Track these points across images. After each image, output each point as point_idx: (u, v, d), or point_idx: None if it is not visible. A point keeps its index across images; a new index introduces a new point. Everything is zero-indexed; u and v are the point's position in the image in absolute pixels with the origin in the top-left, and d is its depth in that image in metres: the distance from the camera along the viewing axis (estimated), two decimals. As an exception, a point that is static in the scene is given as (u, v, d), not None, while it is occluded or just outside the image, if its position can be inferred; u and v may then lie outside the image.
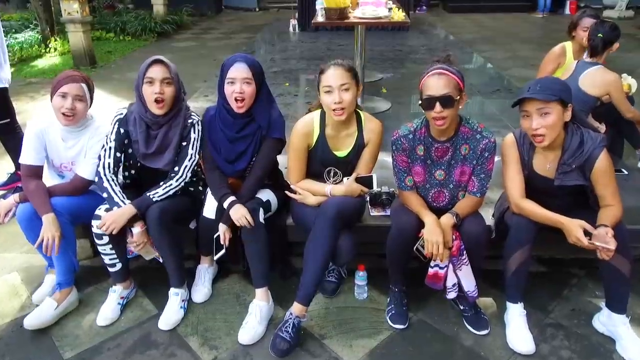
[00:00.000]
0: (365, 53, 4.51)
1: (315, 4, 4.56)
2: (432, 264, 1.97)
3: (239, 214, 2.01)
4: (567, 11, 12.17)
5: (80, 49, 6.86)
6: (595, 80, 2.78)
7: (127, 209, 2.04)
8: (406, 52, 6.92)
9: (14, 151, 3.39)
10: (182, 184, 2.15)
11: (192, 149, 2.17)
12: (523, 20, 11.13)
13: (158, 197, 2.08)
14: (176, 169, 2.15)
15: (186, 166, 2.16)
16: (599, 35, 2.77)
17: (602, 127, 2.97)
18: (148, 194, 2.09)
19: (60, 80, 2.10)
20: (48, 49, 7.76)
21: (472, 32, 9.63)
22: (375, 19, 3.70)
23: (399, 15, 3.77)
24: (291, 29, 8.76)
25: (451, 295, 2.02)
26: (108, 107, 2.42)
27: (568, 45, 3.36)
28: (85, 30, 6.83)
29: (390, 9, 3.95)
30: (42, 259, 2.39)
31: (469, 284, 1.98)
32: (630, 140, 3.17)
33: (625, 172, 2.95)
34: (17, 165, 3.53)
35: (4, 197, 2.32)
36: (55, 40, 7.94)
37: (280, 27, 9.28)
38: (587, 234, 1.82)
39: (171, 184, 2.13)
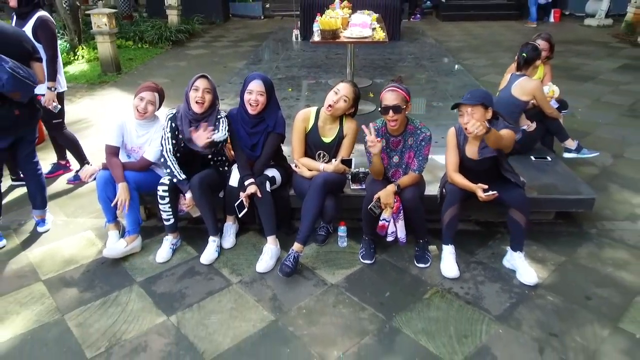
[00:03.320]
0: (354, 63, 5.40)
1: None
2: (381, 218, 2.85)
3: (251, 191, 2.92)
4: (552, 19, 12.99)
5: (108, 57, 7.78)
6: (523, 88, 3.66)
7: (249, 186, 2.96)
8: (395, 60, 7.80)
9: (65, 147, 4.18)
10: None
11: (224, 129, 3.00)
12: (509, 28, 11.94)
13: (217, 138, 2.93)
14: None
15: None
16: (523, 54, 3.66)
17: (533, 125, 3.84)
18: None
19: (142, 87, 3.06)
20: (76, 57, 8.67)
21: (460, 40, 10.48)
22: (361, 38, 4.60)
23: (380, 35, 4.65)
24: (294, 38, 9.62)
25: (389, 238, 2.88)
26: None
27: None
28: (112, 41, 7.74)
29: (374, 29, 4.85)
30: (105, 224, 3.23)
31: (402, 233, 2.88)
32: (556, 135, 4.03)
33: (549, 159, 3.83)
34: (61, 156, 4.33)
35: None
36: (83, 48, 8.86)
37: (284, 36, 10.13)
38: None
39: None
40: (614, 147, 4.73)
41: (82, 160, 4.15)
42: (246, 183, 2.96)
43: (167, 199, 2.96)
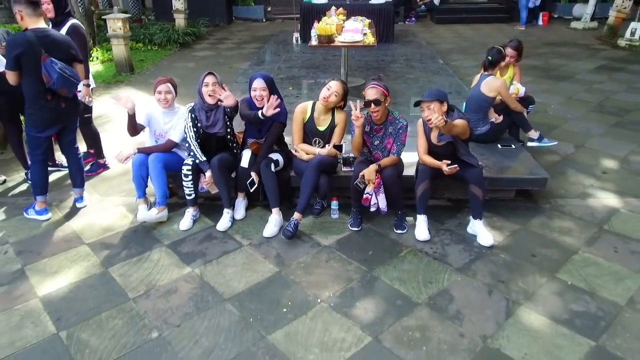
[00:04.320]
0: (349, 64, 6.03)
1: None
2: (365, 192, 3.47)
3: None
4: (540, 22, 13.60)
5: (122, 59, 8.40)
6: (489, 86, 4.27)
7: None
8: (388, 61, 8.41)
9: (91, 139, 4.76)
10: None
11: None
12: (499, 31, 12.52)
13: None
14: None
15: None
16: (489, 57, 4.28)
17: (500, 118, 4.46)
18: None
19: (156, 83, 3.67)
20: (91, 58, 9.28)
21: (451, 42, 11.08)
22: (353, 43, 5.22)
23: (370, 39, 5.27)
24: (294, 40, 10.24)
25: (372, 209, 3.49)
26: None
27: None
28: (125, 44, 8.37)
29: (365, 34, 5.47)
30: (136, 200, 3.85)
31: (383, 204, 3.49)
32: (521, 126, 4.65)
33: (513, 147, 4.45)
34: (90, 146, 4.98)
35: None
36: (97, 50, 9.48)
37: (285, 38, 10.74)
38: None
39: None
40: (577, 138, 5.35)
41: (100, 154, 4.76)
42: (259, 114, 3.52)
43: (190, 177, 3.58)
